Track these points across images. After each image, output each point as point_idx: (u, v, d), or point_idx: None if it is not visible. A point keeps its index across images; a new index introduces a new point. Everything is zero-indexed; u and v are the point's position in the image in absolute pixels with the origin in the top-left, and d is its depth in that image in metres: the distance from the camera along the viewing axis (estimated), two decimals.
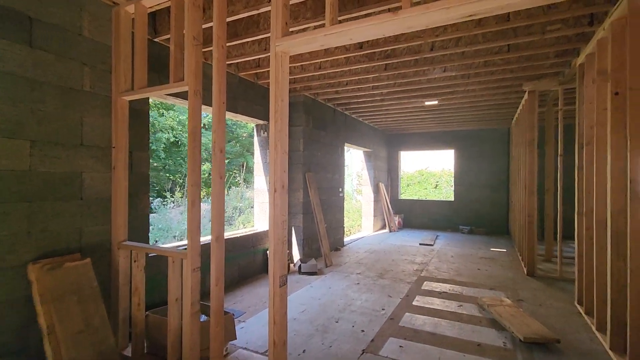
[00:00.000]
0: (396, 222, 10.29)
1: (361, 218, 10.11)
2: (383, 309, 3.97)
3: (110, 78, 2.95)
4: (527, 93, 5.55)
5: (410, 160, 18.62)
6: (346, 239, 8.65)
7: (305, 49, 2.12)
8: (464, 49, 3.95)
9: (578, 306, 4.05)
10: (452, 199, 10.63)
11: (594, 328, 3.42)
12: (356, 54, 4.17)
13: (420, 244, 8.05)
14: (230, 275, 4.85)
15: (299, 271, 5.45)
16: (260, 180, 5.92)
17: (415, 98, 6.39)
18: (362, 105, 7.24)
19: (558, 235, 5.41)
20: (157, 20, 3.57)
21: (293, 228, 6.16)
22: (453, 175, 10.66)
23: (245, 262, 5.17)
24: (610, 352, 2.93)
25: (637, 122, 2.60)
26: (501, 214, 9.81)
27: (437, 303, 4.20)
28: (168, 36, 3.54)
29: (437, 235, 9.32)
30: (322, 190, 6.83)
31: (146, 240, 3.52)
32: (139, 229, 3.46)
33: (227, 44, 3.84)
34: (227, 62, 4.50)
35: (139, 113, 3.46)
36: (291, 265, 5.83)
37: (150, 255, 3.36)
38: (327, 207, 7.05)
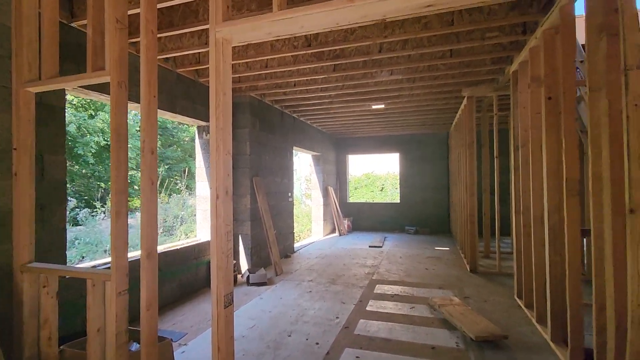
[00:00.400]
0: (346, 226, 10.32)
1: (311, 222, 9.98)
2: (337, 317, 3.82)
3: (9, 65, 2.43)
4: (466, 98, 5.84)
5: (357, 163, 19.00)
6: (296, 245, 8.44)
7: (251, 37, 1.90)
8: (410, 52, 3.99)
9: (518, 300, 4.27)
10: (398, 201, 10.96)
11: (534, 320, 3.60)
12: (304, 52, 4.02)
13: (369, 247, 8.11)
14: (169, 292, 4.37)
15: (248, 282, 5.12)
16: (202, 186, 5.48)
17: (363, 101, 6.42)
18: (310, 108, 7.12)
19: (496, 233, 5.75)
20: (74, 1, 3.08)
21: (240, 236, 5.80)
22: (399, 178, 11.00)
23: (187, 277, 4.71)
24: (551, 344, 3.08)
25: (570, 125, 2.76)
26: (443, 214, 10.31)
27: (390, 307, 4.16)
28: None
29: (386, 237, 9.50)
30: (271, 195, 6.56)
31: (63, 259, 2.99)
32: (54, 247, 2.92)
33: (162, 34, 3.45)
34: (163, 56, 4.07)
35: (53, 109, 2.94)
36: (239, 276, 5.46)
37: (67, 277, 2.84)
38: (277, 213, 6.79)
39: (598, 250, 2.28)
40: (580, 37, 3.26)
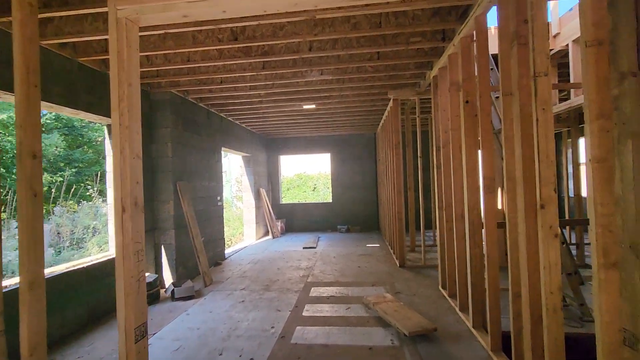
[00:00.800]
0: (279, 228, 10.13)
1: (243, 226, 9.58)
2: (273, 327, 3.64)
3: None
4: (391, 100, 6.10)
5: (289, 164, 18.91)
6: (228, 251, 8.00)
7: (163, 18, 1.64)
8: (340, 52, 3.98)
9: (442, 290, 4.56)
10: (330, 201, 11.12)
11: (457, 309, 3.85)
12: (230, 46, 3.75)
13: (304, 248, 8.05)
14: (74, 319, 3.72)
15: (172, 297, 4.64)
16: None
17: (293, 101, 6.30)
18: (239, 107, 6.78)
19: (421, 228, 6.10)
20: None
21: (163, 247, 5.26)
22: (330, 178, 11.16)
23: (99, 298, 4.09)
24: (473, 330, 3.31)
25: (486, 126, 2.98)
26: (372, 211, 10.73)
27: (326, 309, 4.11)
28: None
29: (319, 237, 9.54)
30: (198, 200, 6.08)
31: None
32: None
33: (54, 14, 2.90)
34: (58, 41, 3.45)
35: None
36: (162, 291, 4.94)
37: None
38: (205, 219, 6.32)
39: (513, 242, 2.47)
40: (492, 47, 3.56)
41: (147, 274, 4.73)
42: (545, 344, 1.96)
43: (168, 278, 5.22)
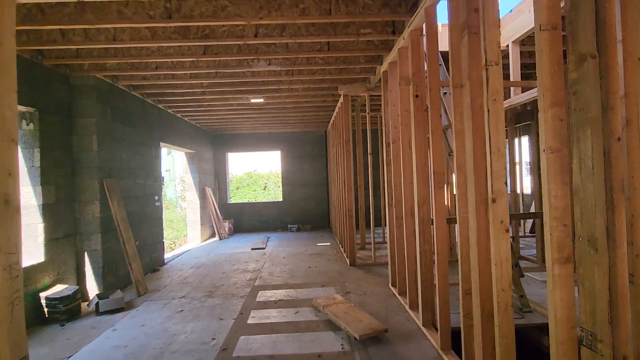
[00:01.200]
0: (226, 228, 9.62)
1: (187, 228, 8.93)
2: (214, 339, 3.29)
3: None
4: (342, 96, 5.99)
5: (238, 162, 18.27)
6: (168, 255, 7.36)
7: None
8: (288, 40, 3.75)
9: (392, 288, 4.52)
10: (281, 199, 10.82)
11: (407, 307, 3.81)
12: (164, 25, 3.33)
13: (252, 249, 7.68)
14: None
15: (97, 311, 4.06)
16: None
17: (240, 93, 5.93)
18: (180, 98, 6.23)
19: (371, 225, 6.07)
20: None
21: (87, 253, 4.61)
22: (280, 176, 10.87)
23: None
24: (423, 329, 3.26)
25: (435, 121, 2.93)
26: (323, 209, 10.64)
27: (273, 315, 3.84)
28: None
29: (269, 237, 9.21)
30: (132, 200, 5.46)
31: None
32: None
33: None
34: None
35: None
36: (84, 305, 4.31)
37: None
38: (141, 221, 5.71)
39: (463, 238, 2.42)
40: (441, 44, 3.54)
41: (64, 287, 4.09)
42: (496, 341, 1.90)
43: (93, 289, 4.59)
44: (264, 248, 7.74)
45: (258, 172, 17.00)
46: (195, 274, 5.76)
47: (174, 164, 18.14)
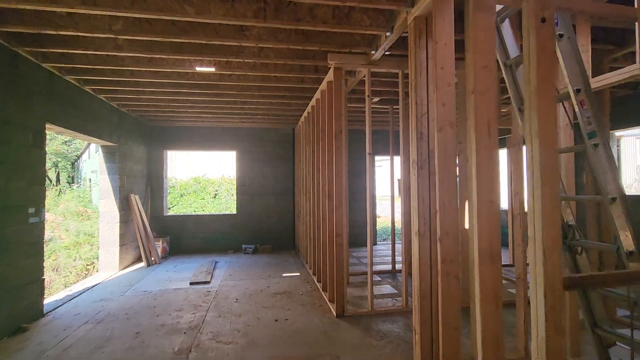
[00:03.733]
0: (159, 250, 7.24)
1: (99, 250, 6.44)
2: None
3: None
4: (332, 70, 4.16)
5: (185, 163, 15.66)
6: (55, 299, 4.91)
7: None
8: None
9: None
10: (234, 212, 8.66)
11: None
12: None
13: (191, 284, 5.47)
14: None
15: None
16: None
17: (178, 54, 3.84)
18: (83, 58, 4.01)
19: (368, 251, 4.25)
20: None
21: None
22: (235, 183, 8.72)
23: None
24: None
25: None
26: (287, 225, 8.65)
27: None
28: None
29: (216, 262, 7.00)
30: None
31: None
32: None
33: None
34: None
35: None
36: None
37: None
38: (3, 249, 3.36)
39: None
40: None
41: None
42: None
43: None
44: (208, 282, 5.56)
45: (208, 177, 14.55)
46: (89, 338, 3.49)
47: (90, 161, 15.01)
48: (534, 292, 1.58)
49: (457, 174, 4.08)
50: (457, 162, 4.05)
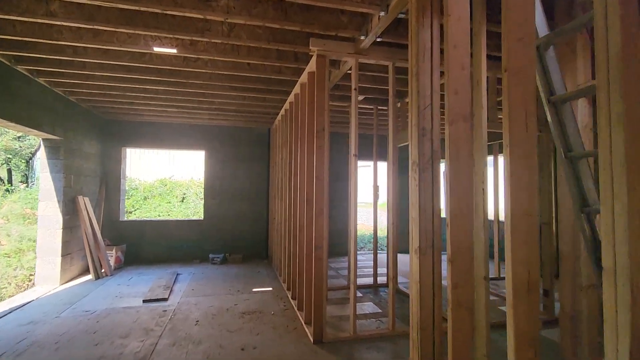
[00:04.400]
0: (111, 260, 6.38)
1: (36, 260, 5.51)
2: None
3: None
4: (315, 58, 3.62)
5: (150, 163, 14.57)
6: None
7: None
8: None
9: None
10: (202, 217, 7.89)
11: None
12: None
13: (145, 301, 4.70)
14: None
15: None
16: None
17: (127, 28, 3.17)
18: (9, 28, 3.25)
19: (350, 261, 3.71)
20: None
21: None
22: (203, 186, 7.97)
23: None
24: None
25: None
26: (260, 232, 7.99)
27: None
28: None
29: (178, 275, 6.24)
30: None
31: None
32: None
33: None
34: None
35: None
36: None
37: None
38: None
39: None
40: None
41: None
42: None
43: None
44: (165, 299, 4.82)
45: (175, 179, 13.59)
46: None
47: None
48: (612, 346, 1.09)
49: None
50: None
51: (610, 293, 1.07)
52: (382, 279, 5.75)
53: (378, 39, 3.31)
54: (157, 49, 3.67)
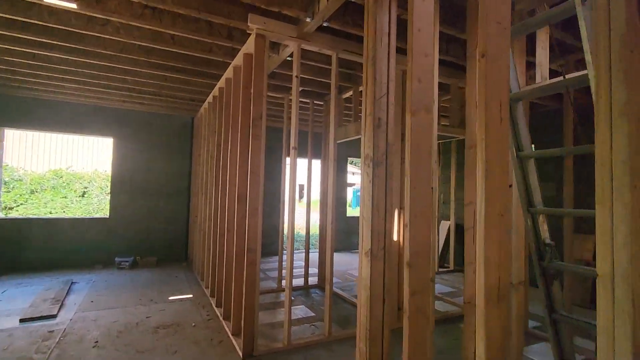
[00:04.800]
0: None
1: None
2: None
3: None
4: (253, 37, 3.22)
5: (44, 150, 12.23)
6: None
7: None
8: None
9: None
10: (108, 215, 6.78)
11: None
12: None
13: (22, 321, 3.73)
14: None
15: None
16: None
17: None
18: None
19: (287, 264, 3.42)
20: None
21: None
22: (110, 178, 6.85)
23: None
24: None
25: None
26: (180, 232, 7.18)
27: None
28: None
29: (72, 284, 5.19)
30: None
31: None
32: None
33: None
34: None
35: None
36: None
37: None
38: None
39: None
40: None
41: None
42: None
43: None
44: (54, 315, 3.89)
45: (74, 170, 11.63)
46: None
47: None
48: (607, 358, 0.98)
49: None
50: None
51: (607, 301, 0.97)
52: (312, 280, 5.55)
53: (325, 24, 3.06)
54: (49, 0, 2.87)
